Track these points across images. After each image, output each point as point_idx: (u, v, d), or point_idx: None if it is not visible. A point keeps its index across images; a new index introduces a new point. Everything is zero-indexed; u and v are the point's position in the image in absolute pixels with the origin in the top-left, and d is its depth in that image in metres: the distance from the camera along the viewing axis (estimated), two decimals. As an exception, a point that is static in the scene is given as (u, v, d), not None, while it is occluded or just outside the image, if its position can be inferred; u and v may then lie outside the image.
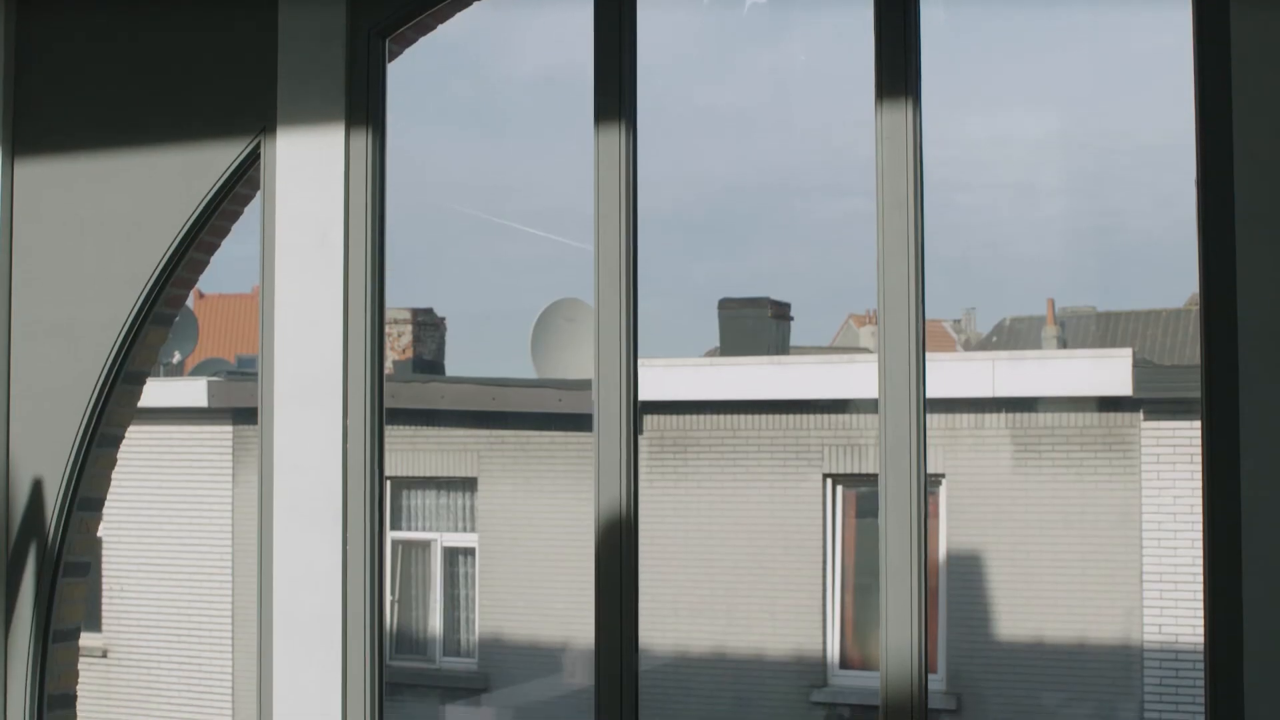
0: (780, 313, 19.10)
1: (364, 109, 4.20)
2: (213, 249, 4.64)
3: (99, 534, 5.18)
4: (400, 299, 21.43)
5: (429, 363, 20.94)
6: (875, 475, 3.83)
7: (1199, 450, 3.42)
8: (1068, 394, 14.51)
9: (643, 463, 15.47)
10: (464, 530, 17.24)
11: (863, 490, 15.40)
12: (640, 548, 3.91)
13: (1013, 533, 14.57)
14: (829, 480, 15.45)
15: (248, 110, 4.33)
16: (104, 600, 17.81)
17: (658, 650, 15.47)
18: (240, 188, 4.44)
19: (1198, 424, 3.45)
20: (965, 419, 14.80)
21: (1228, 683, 3.31)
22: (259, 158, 4.32)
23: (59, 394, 4.52)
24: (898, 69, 3.70)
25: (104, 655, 17.69)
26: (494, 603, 16.75)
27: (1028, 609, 14.45)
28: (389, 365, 20.15)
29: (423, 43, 4.49)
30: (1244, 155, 3.34)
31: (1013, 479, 14.66)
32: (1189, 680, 13.83)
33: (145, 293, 4.41)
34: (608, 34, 3.99)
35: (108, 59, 4.56)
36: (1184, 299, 29.10)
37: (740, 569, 15.49)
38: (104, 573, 17.73)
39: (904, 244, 3.66)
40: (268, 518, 4.23)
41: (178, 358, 20.48)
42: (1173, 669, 14.01)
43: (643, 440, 15.68)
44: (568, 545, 16.07)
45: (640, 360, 3.99)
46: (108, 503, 4.80)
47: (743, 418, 15.73)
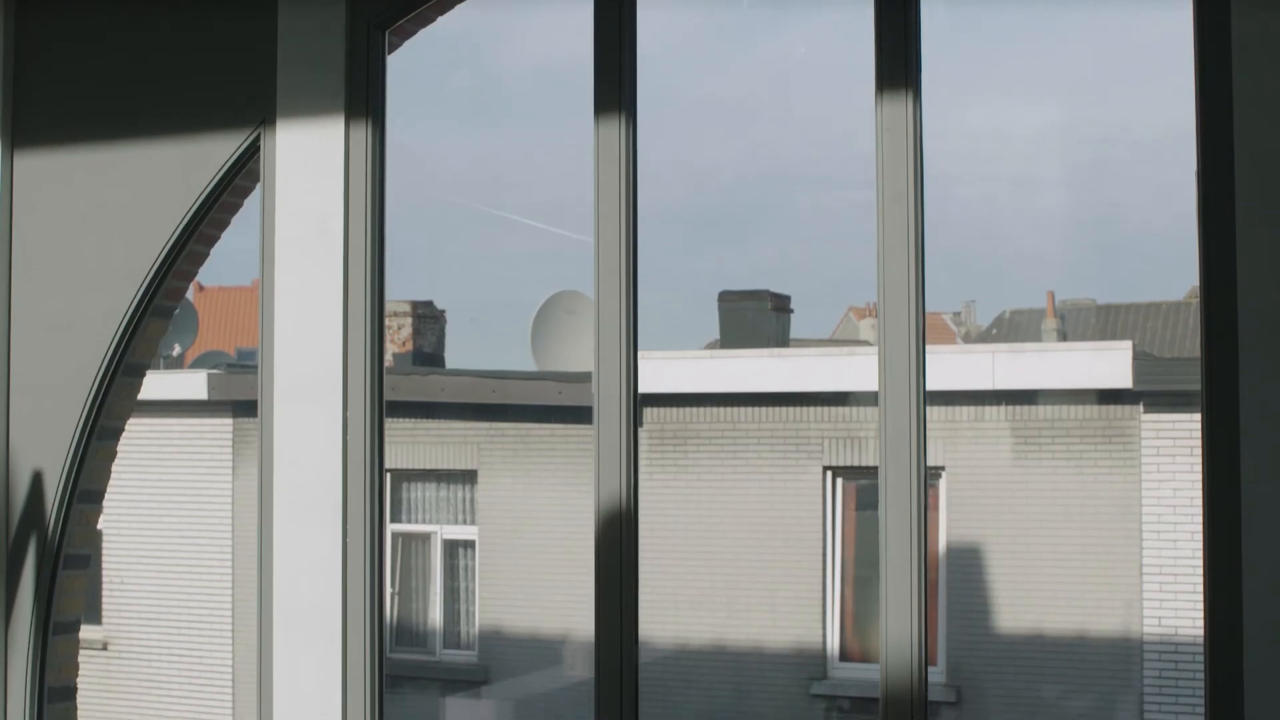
0: (780, 305, 19.10)
1: (364, 101, 4.20)
2: (212, 241, 4.64)
3: (99, 526, 5.18)
4: (400, 291, 21.45)
5: (429, 355, 20.94)
6: (875, 468, 3.83)
7: (1199, 443, 3.42)
8: (1068, 386, 14.51)
9: (643, 455, 15.47)
10: (464, 523, 17.25)
11: (863, 483, 15.40)
12: (640, 540, 3.91)
13: (1013, 525, 14.58)
14: (829, 473, 15.46)
15: (247, 103, 4.33)
16: (104, 593, 17.81)
17: (658, 642, 15.47)
18: (240, 180, 4.43)
19: (1198, 416, 3.45)
20: (965, 411, 14.80)
21: (1227, 675, 3.31)
22: (259, 150, 4.32)
23: (59, 386, 4.52)
24: (898, 61, 3.69)
25: (104, 647, 17.70)
26: (494, 595, 16.76)
27: (1027, 601, 14.45)
28: (389, 358, 20.15)
29: (422, 35, 4.49)
30: (1244, 148, 3.34)
31: (1013, 471, 14.66)
32: (1188, 672, 13.84)
33: (145, 285, 4.41)
34: (607, 26, 3.99)
35: (108, 51, 4.56)
36: (1184, 292, 29.11)
37: (740, 561, 15.50)
38: (104, 565, 17.73)
39: (904, 236, 3.66)
40: (268, 510, 4.23)
41: (178, 350, 20.48)
42: (1172, 661, 14.01)
43: (643, 433, 15.68)
44: (568, 538, 16.07)
45: (640, 353, 3.99)
46: (108, 495, 4.80)
47: (743, 410, 15.73)
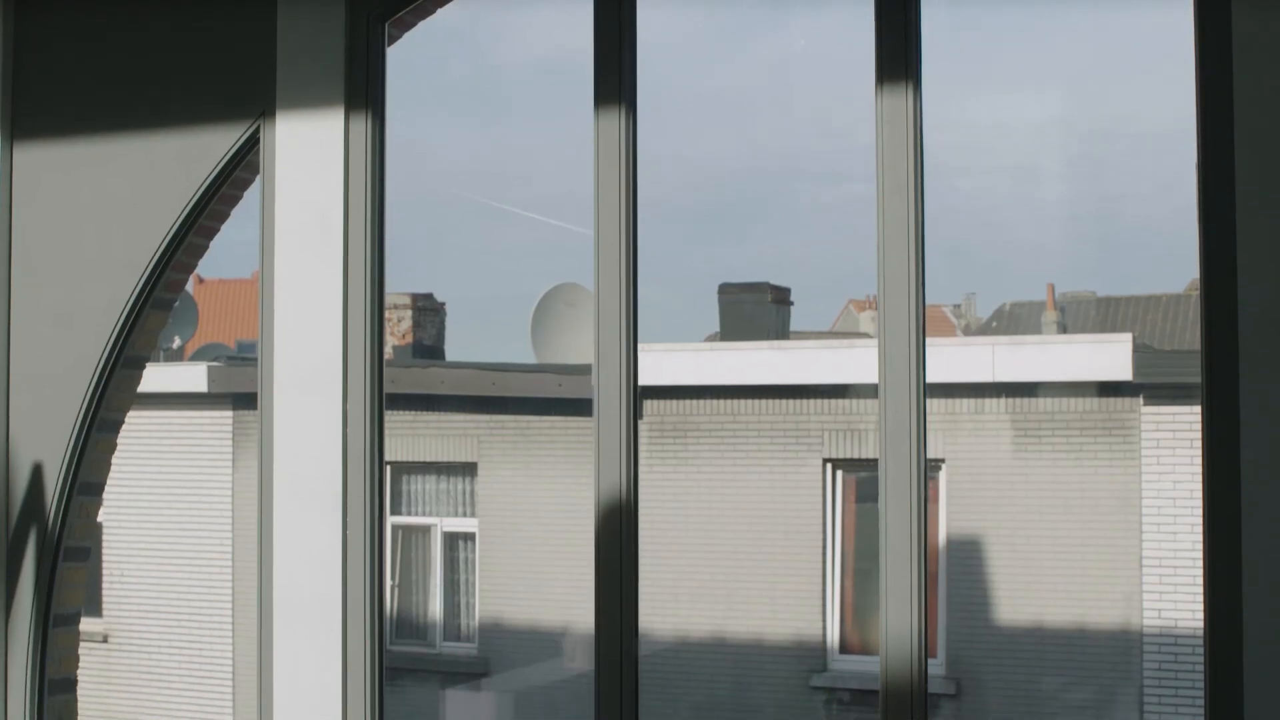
0: (780, 298, 19.10)
1: (363, 94, 4.19)
2: (212, 234, 4.64)
3: (99, 519, 5.18)
4: (400, 284, 21.45)
5: (429, 348, 20.95)
6: (875, 460, 3.83)
7: (1199, 435, 3.42)
8: (1068, 379, 14.51)
9: (643, 448, 15.47)
10: (464, 515, 17.25)
11: (863, 475, 15.41)
12: (640, 532, 3.91)
13: (1012, 518, 14.58)
14: (829, 465, 15.46)
15: (247, 95, 4.32)
16: (104, 585, 17.83)
17: (658, 635, 15.49)
18: (240, 172, 4.43)
19: (1198, 409, 3.45)
20: (965, 404, 14.80)
21: (1227, 668, 3.31)
22: (258, 142, 4.31)
23: (58, 378, 4.52)
24: (898, 53, 3.69)
25: (105, 640, 17.71)
26: (494, 588, 16.77)
27: (1027, 594, 14.46)
28: (389, 350, 20.16)
29: (422, 27, 4.48)
30: (1245, 140, 3.34)
31: (1012, 464, 14.66)
32: (1188, 665, 13.85)
33: (145, 277, 4.41)
34: (608, 18, 3.99)
35: (108, 43, 4.55)
36: (1184, 284, 29.11)
37: (740, 554, 15.51)
38: (104, 558, 17.74)
39: (904, 229, 3.65)
40: (268, 503, 4.23)
41: (177, 343, 20.48)
42: (1172, 654, 14.02)
43: (643, 425, 15.68)
44: (568, 530, 16.08)
45: (640, 345, 3.99)
46: (108, 488, 4.80)
47: (743, 403, 15.73)
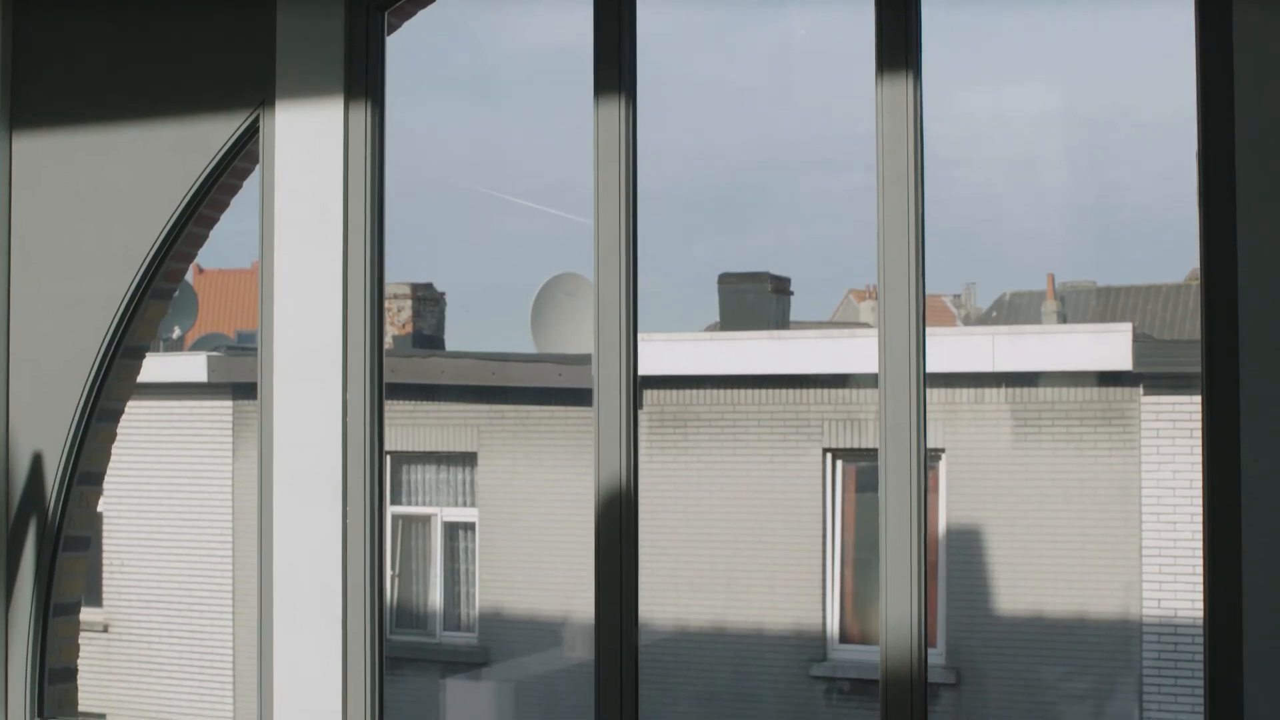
0: (780, 287, 19.10)
1: (363, 83, 4.19)
2: (212, 223, 4.64)
3: (99, 509, 5.18)
4: (400, 274, 21.45)
5: (429, 338, 20.94)
6: (875, 450, 3.83)
7: (1199, 425, 3.42)
8: (1067, 369, 14.51)
9: (642, 437, 15.47)
10: (464, 505, 17.26)
11: (862, 465, 15.41)
12: (640, 522, 3.91)
13: (1012, 507, 14.59)
14: (829, 455, 15.46)
15: (246, 84, 4.32)
16: (105, 575, 17.84)
17: (658, 624, 15.50)
18: (239, 162, 4.43)
19: (1198, 399, 3.45)
20: (965, 394, 14.80)
21: (1226, 657, 3.32)
22: (258, 132, 4.31)
23: (58, 368, 4.52)
24: (898, 43, 3.69)
25: (105, 630, 17.73)
26: (494, 577, 16.78)
27: (1027, 583, 14.47)
28: (389, 340, 20.15)
29: (421, 16, 4.48)
30: (1245, 130, 3.33)
31: (1012, 454, 14.66)
32: (1188, 654, 13.86)
33: (144, 267, 4.41)
34: (608, 8, 3.98)
35: (107, 33, 4.55)
36: (1184, 274, 29.12)
37: (740, 543, 15.52)
38: (104, 547, 17.75)
39: (904, 219, 3.65)
40: (268, 493, 4.23)
41: (177, 333, 20.48)
42: (1171, 643, 14.03)
43: (643, 415, 15.68)
44: (568, 520, 16.09)
45: (640, 335, 3.99)
46: (108, 477, 4.81)
47: (743, 392, 15.73)
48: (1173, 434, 14.12)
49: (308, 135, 4.21)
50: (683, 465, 15.87)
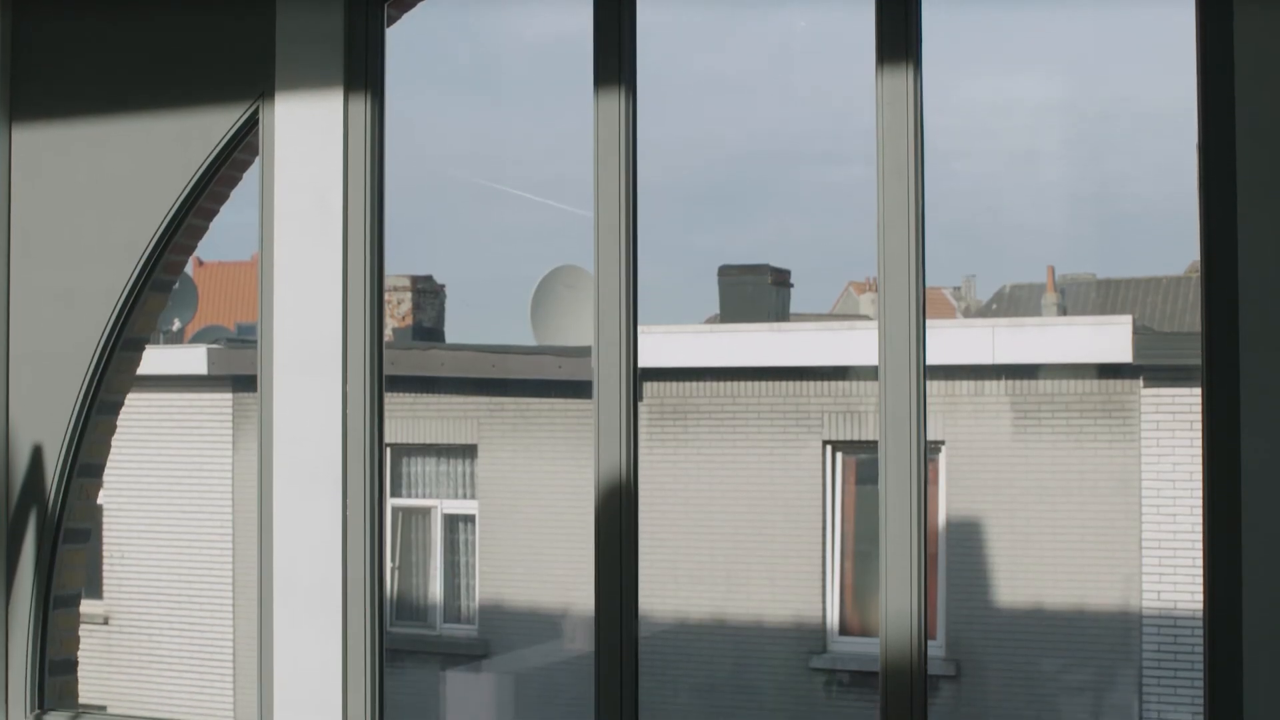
0: (780, 279, 19.09)
1: (363, 74, 4.18)
2: (211, 215, 4.63)
3: (99, 501, 5.19)
4: (400, 266, 21.43)
5: (429, 330, 20.94)
6: (875, 442, 3.83)
7: (1199, 417, 3.42)
8: (1068, 361, 14.51)
9: (642, 429, 15.47)
10: (464, 497, 17.26)
11: (863, 457, 15.41)
12: (640, 514, 3.91)
13: (1012, 499, 14.59)
14: (829, 447, 15.46)
15: (246, 76, 4.31)
16: (105, 567, 17.85)
17: (657, 616, 15.50)
18: (239, 154, 4.42)
19: (1198, 390, 3.45)
20: (965, 386, 14.80)
21: (1226, 649, 3.32)
22: (257, 123, 4.30)
23: (58, 360, 4.52)
24: (899, 34, 3.68)
25: (105, 622, 17.74)
26: (494, 569, 16.79)
27: (1027, 576, 14.48)
28: (388, 332, 20.15)
29: (421, 8, 4.47)
30: (1245, 122, 3.33)
31: (1012, 446, 14.67)
32: (1187, 646, 13.87)
33: (144, 259, 4.41)
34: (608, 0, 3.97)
35: (107, 24, 4.54)
36: (1184, 266, 29.12)
37: (740, 535, 15.52)
38: (105, 540, 17.76)
39: (904, 211, 3.65)
40: (268, 485, 4.23)
41: (177, 325, 20.48)
42: (1171, 635, 14.04)
43: (642, 407, 15.68)
44: (568, 512, 16.09)
45: (640, 327, 3.99)
46: (108, 470, 4.81)
47: (743, 384, 15.73)
48: (1173, 426, 14.13)
49: (307, 127, 4.20)
50: (682, 457, 15.87)
